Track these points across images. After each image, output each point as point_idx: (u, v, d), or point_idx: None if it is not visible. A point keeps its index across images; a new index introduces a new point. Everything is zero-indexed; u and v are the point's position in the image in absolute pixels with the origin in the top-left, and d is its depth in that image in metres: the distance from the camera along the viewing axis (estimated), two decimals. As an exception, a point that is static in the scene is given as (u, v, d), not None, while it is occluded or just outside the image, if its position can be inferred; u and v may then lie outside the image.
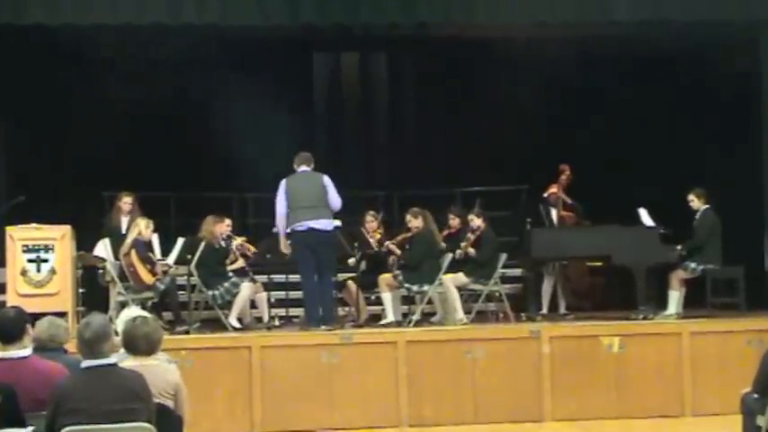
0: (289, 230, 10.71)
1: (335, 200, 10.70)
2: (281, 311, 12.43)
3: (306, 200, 10.59)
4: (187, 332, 10.80)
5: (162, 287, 11.03)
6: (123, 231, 11.48)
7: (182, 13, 11.19)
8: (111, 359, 5.28)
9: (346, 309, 12.14)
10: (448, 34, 13.25)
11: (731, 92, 12.72)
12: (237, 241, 11.67)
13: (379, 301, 11.76)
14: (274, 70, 15.03)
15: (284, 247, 10.93)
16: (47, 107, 13.31)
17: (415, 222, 11.61)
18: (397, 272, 11.49)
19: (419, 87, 15.76)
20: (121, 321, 6.29)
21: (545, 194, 12.51)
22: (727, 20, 11.74)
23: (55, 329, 6.24)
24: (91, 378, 5.19)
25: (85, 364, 5.23)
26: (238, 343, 10.38)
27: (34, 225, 10.50)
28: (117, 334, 5.87)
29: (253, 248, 11.77)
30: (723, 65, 12.59)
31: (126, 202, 11.71)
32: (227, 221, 11.64)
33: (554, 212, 12.46)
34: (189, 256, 11.11)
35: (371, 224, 12.22)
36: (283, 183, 10.74)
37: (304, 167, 10.83)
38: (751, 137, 12.26)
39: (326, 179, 10.75)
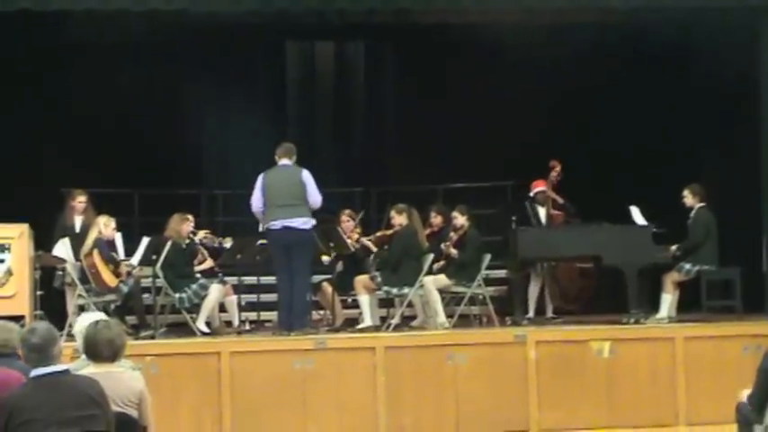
0: (263, 229, 10.75)
1: (315, 197, 10.72)
2: (252, 315, 12.41)
3: (282, 197, 10.62)
4: (152, 337, 10.81)
5: (126, 289, 11.03)
6: (77, 231, 11.47)
7: (147, -1, 11.19)
8: (63, 366, 5.27)
9: (321, 312, 12.12)
10: (430, 21, 13.26)
11: (730, 86, 12.73)
12: (200, 235, 11.66)
13: (355, 305, 11.77)
14: (245, 60, 15.04)
15: None
16: (1, 97, 13.24)
17: (398, 219, 11.58)
18: (375, 273, 11.51)
19: (399, 78, 15.75)
20: (80, 326, 6.30)
21: (531, 192, 12.55)
22: (727, 8, 11.80)
23: (7, 333, 6.16)
24: (44, 386, 5.17)
25: (35, 372, 5.22)
26: (207, 349, 10.38)
27: (-12, 223, 10.49)
28: (74, 339, 5.86)
29: (218, 239, 11.74)
30: (722, 57, 12.62)
31: (80, 201, 11.69)
32: (190, 218, 11.63)
33: (542, 211, 12.50)
34: (154, 257, 11.10)
35: (348, 224, 11.97)
36: (260, 178, 10.77)
37: (285, 161, 10.85)
38: (749, 133, 12.32)
39: (306, 174, 10.75)
